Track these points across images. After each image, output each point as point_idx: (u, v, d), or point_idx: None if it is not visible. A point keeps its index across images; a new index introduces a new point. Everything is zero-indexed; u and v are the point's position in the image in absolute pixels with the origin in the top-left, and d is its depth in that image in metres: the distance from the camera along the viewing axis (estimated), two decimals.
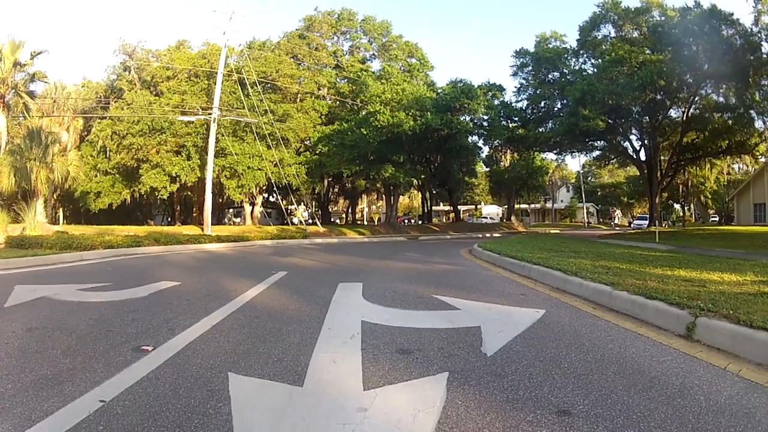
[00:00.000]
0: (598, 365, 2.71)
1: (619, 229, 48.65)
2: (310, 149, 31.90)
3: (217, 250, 14.79)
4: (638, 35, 28.05)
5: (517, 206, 56.70)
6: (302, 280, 6.81)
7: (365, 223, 54.40)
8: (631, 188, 58.21)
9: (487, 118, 33.27)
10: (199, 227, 23.33)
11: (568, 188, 72.90)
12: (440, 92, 31.62)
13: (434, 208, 57.30)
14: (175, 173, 27.07)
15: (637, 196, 57.14)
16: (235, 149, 26.84)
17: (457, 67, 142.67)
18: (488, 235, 30.47)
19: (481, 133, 35.42)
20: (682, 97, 28.06)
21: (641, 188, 42.37)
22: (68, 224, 25.37)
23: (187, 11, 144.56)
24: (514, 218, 48.27)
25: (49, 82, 24.24)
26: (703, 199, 53.15)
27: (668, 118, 30.97)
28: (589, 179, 73.06)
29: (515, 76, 34.79)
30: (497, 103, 35.07)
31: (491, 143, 39.13)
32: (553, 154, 40.52)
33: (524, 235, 27.34)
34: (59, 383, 2.39)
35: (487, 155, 45.01)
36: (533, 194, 58.85)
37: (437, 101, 29.21)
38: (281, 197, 29.92)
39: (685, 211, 54.26)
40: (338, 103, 34.07)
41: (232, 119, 25.96)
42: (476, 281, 6.63)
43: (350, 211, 53.29)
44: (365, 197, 59.25)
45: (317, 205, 42.38)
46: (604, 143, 34.77)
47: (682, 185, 47.66)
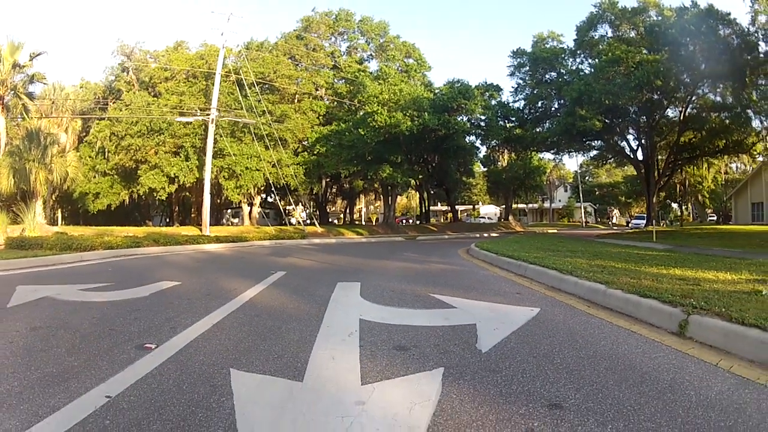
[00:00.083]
0: (590, 361, 2.75)
1: (616, 228, 48.67)
2: (307, 150, 31.83)
3: (215, 250, 14.80)
4: (635, 35, 27.97)
5: (514, 206, 56.67)
6: (301, 279, 6.84)
7: (363, 223, 54.34)
8: (628, 188, 58.08)
9: (484, 118, 33.16)
10: (197, 228, 23.31)
11: (565, 188, 72.89)
12: (437, 93, 31.52)
13: (432, 208, 57.21)
14: (173, 174, 26.96)
15: (634, 195, 57.02)
16: (233, 150, 26.79)
17: (454, 67, 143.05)
18: (486, 235, 30.46)
19: (478, 133, 35.31)
20: (679, 96, 27.97)
21: (639, 188, 42.33)
22: (67, 225, 25.32)
23: (184, 12, 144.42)
24: (511, 218, 48.29)
25: (47, 83, 24.22)
26: (700, 198, 53.21)
27: (665, 117, 30.87)
28: (586, 179, 73.17)
29: (512, 76, 34.74)
30: (494, 103, 35.00)
31: (489, 143, 39.01)
32: (550, 154, 40.45)
33: (522, 234, 27.35)
34: (65, 380, 2.42)
35: (484, 155, 44.84)
36: (531, 194, 58.90)
37: (434, 102, 29.10)
38: (279, 198, 29.86)
39: (682, 210, 54.33)
40: (336, 103, 34.01)
41: (230, 120, 25.92)
42: (473, 281, 6.67)
43: (348, 211, 53.26)
44: (363, 197, 59.15)
45: (315, 205, 42.34)
46: (601, 143, 34.63)
47: (679, 185, 47.60)
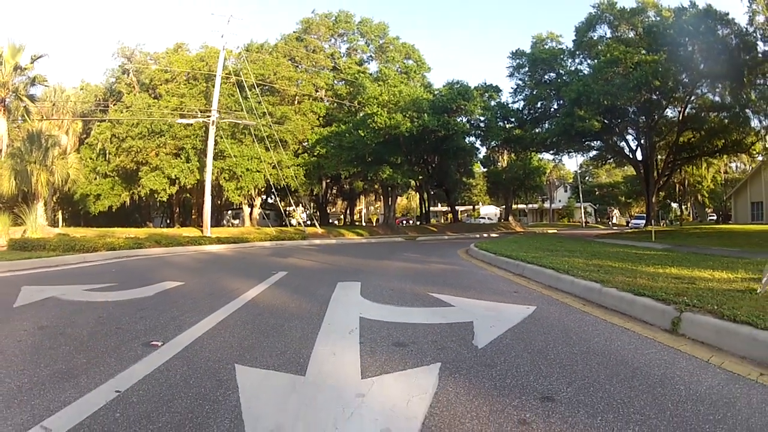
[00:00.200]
0: (583, 357, 2.82)
1: (616, 228, 48.68)
2: (308, 151, 31.89)
3: (217, 251, 14.88)
4: (634, 35, 27.96)
5: (514, 206, 56.72)
6: (302, 279, 6.92)
7: (363, 224, 54.34)
8: (628, 188, 58.05)
9: (483, 119, 33.17)
10: (198, 229, 23.40)
11: (565, 188, 72.87)
12: (437, 94, 31.53)
13: (432, 208, 57.27)
14: (174, 175, 27.07)
15: (634, 195, 56.96)
16: (233, 151, 26.89)
17: (454, 68, 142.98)
18: (486, 235, 30.50)
19: (478, 134, 35.33)
20: (678, 96, 27.96)
21: (638, 188, 42.27)
22: (68, 227, 25.38)
23: (185, 14, 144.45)
24: (511, 218, 48.33)
25: (49, 85, 24.29)
26: (700, 198, 53.28)
27: (664, 117, 30.83)
28: (586, 179, 73.14)
29: (512, 77, 34.61)
30: (494, 104, 34.96)
31: (488, 144, 38.93)
32: (549, 154, 40.33)
33: (521, 235, 27.41)
34: (74, 376, 2.49)
35: (484, 156, 44.83)
36: (531, 194, 58.95)
37: (434, 103, 29.13)
38: (280, 199, 29.93)
39: (682, 210, 54.37)
40: (336, 105, 34.09)
41: (230, 121, 26.02)
42: (471, 280, 6.74)
43: (348, 212, 53.29)
44: (363, 198, 59.22)
45: (315, 206, 42.38)
46: (600, 143, 34.66)
47: (679, 184, 47.67)
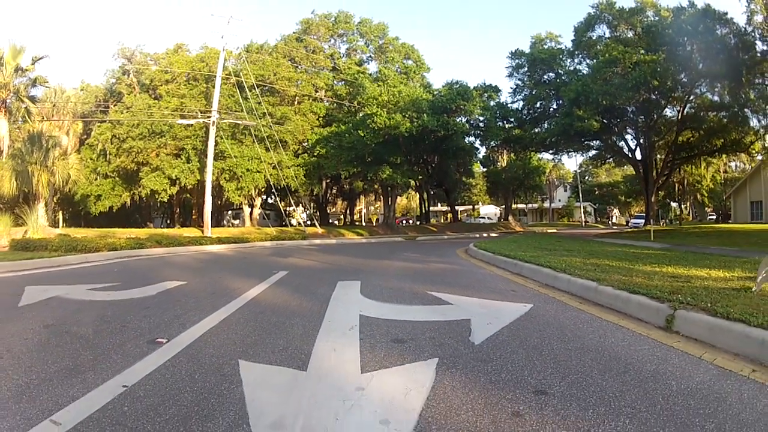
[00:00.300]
0: (577, 353, 2.89)
1: (616, 228, 48.75)
2: (308, 151, 31.94)
3: (218, 251, 14.95)
4: (633, 35, 28.03)
5: (514, 206, 56.74)
6: (302, 279, 6.99)
7: (363, 224, 54.42)
8: (628, 187, 58.10)
9: (483, 119, 33.25)
10: (198, 229, 23.48)
11: (565, 188, 72.94)
12: (436, 94, 31.56)
13: (432, 208, 57.32)
14: (174, 176, 27.13)
15: (634, 195, 57.01)
16: (234, 152, 26.97)
17: (454, 68, 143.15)
18: (485, 235, 30.56)
19: (477, 133, 35.40)
20: (677, 96, 27.98)
21: (638, 187, 42.23)
22: (68, 227, 25.43)
23: (185, 15, 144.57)
24: (511, 218, 48.39)
25: (49, 86, 24.35)
26: (699, 197, 53.37)
27: (663, 117, 30.86)
28: (586, 178, 73.23)
29: (511, 77, 34.62)
30: (493, 104, 35.05)
31: (488, 144, 39.02)
32: (549, 154, 40.39)
33: (521, 234, 27.46)
34: (82, 372, 2.55)
35: (484, 156, 44.88)
36: (530, 194, 59.05)
37: (433, 103, 29.17)
38: (280, 199, 30.01)
39: (682, 209, 54.40)
40: (335, 105, 34.14)
41: (230, 122, 26.10)
42: (470, 279, 6.81)
43: (348, 212, 53.32)
44: (363, 198, 59.29)
45: (315, 206, 42.44)
46: (599, 143, 34.74)
47: (678, 184, 47.77)
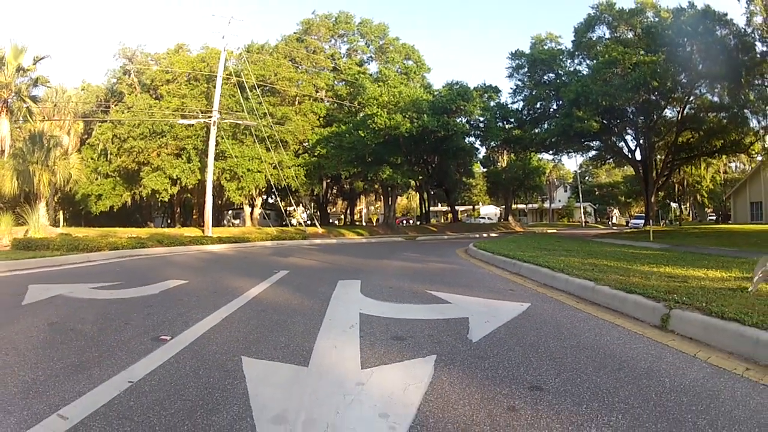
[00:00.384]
0: (572, 350, 2.95)
1: (616, 228, 48.74)
2: (308, 151, 31.98)
3: (218, 251, 15.00)
4: (633, 36, 28.07)
5: (514, 206, 56.79)
6: (303, 278, 7.05)
7: (363, 224, 54.42)
8: (628, 188, 58.12)
9: (483, 119, 33.28)
10: (199, 229, 23.53)
11: (565, 188, 72.94)
12: (437, 94, 31.60)
13: (432, 208, 57.36)
14: (175, 176, 27.19)
15: (634, 195, 57.03)
16: (234, 152, 27.02)
17: (454, 68, 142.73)
18: (485, 235, 30.59)
19: (477, 134, 35.42)
20: (676, 97, 28.00)
21: (638, 188, 42.27)
22: (69, 226, 25.41)
23: (185, 15, 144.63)
24: (511, 218, 48.42)
25: (51, 86, 24.39)
26: (699, 198, 53.40)
27: (663, 118, 30.92)
28: (586, 179, 73.22)
29: (511, 77, 34.65)
30: (493, 104, 35.08)
31: (488, 144, 39.05)
32: (549, 154, 40.44)
33: (521, 234, 27.52)
34: (87, 368, 2.60)
35: (484, 156, 44.90)
36: (531, 194, 59.08)
37: (434, 103, 29.21)
38: (280, 199, 30.07)
39: (682, 210, 54.42)
40: (336, 105, 34.18)
41: (231, 122, 26.15)
42: (469, 279, 6.87)
43: (349, 212, 53.36)
44: (363, 198, 59.29)
45: (316, 206, 42.51)
46: (599, 143, 34.81)
47: (678, 184, 47.83)
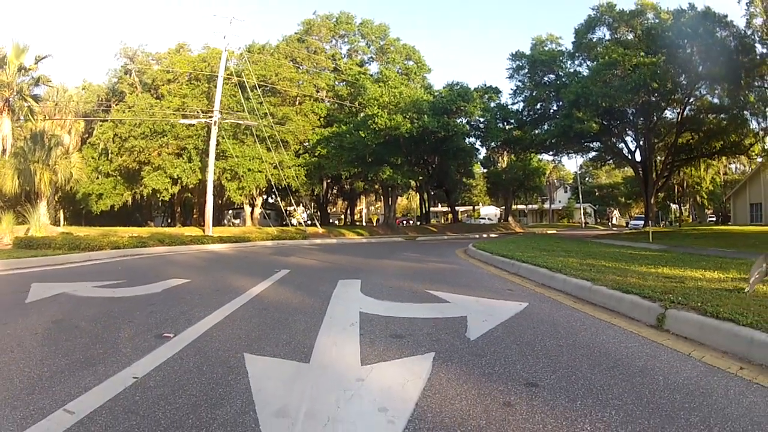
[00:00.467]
0: (568, 349, 3.00)
1: (616, 229, 48.75)
2: (309, 151, 32.00)
3: (219, 250, 15.06)
4: (633, 37, 28.09)
5: (514, 207, 56.80)
6: (304, 277, 7.11)
7: (364, 224, 54.41)
8: (628, 189, 58.16)
9: (483, 120, 33.33)
10: (200, 228, 23.59)
11: (565, 189, 72.97)
12: (437, 95, 31.62)
13: (432, 209, 57.40)
14: (176, 175, 27.24)
15: (634, 196, 57.05)
16: (235, 152, 27.08)
17: (454, 68, 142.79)
18: (485, 235, 30.62)
19: (477, 134, 35.47)
20: (676, 98, 27.98)
21: (638, 189, 42.33)
22: (69, 226, 25.46)
23: (187, 15, 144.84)
24: (511, 219, 48.43)
25: (52, 85, 24.42)
26: (699, 199, 53.42)
27: (663, 119, 30.97)
28: (586, 180, 73.24)
29: (511, 78, 34.62)
30: (493, 105, 35.15)
31: (488, 145, 39.04)
32: (549, 155, 40.44)
33: (521, 235, 27.56)
34: (93, 365, 2.65)
35: (484, 156, 44.89)
36: (531, 195, 59.08)
37: (434, 104, 29.25)
38: (281, 199, 30.15)
39: (682, 211, 54.44)
40: (337, 105, 34.20)
41: (232, 122, 26.21)
42: (468, 279, 6.92)
43: (349, 212, 53.41)
44: (364, 198, 59.36)
45: (316, 206, 42.57)
46: (599, 144, 34.86)
47: (678, 186, 47.88)
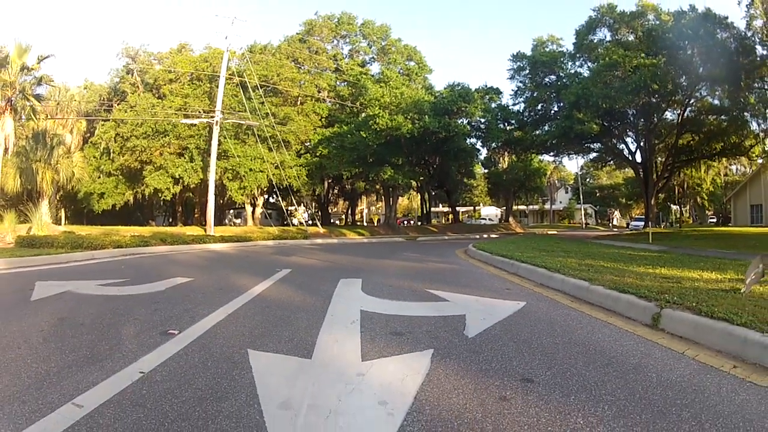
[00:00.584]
0: (564, 346, 3.07)
1: (616, 230, 48.80)
2: (310, 151, 32.06)
3: (221, 249, 15.14)
4: (633, 39, 28.10)
5: (515, 207, 56.84)
6: (305, 277, 7.18)
7: (365, 224, 54.53)
8: (629, 190, 58.07)
9: (484, 120, 33.35)
10: (201, 228, 23.69)
11: (566, 189, 72.96)
12: (438, 96, 31.66)
13: (433, 209, 57.48)
14: (178, 175, 27.32)
15: (635, 197, 56.97)
16: (237, 151, 27.17)
17: (454, 68, 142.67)
18: (485, 236, 30.67)
19: (478, 135, 35.48)
20: (677, 99, 27.99)
21: (639, 190, 42.33)
22: (71, 225, 25.58)
23: (188, 15, 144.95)
24: (512, 219, 48.46)
25: (54, 85, 24.53)
26: (699, 200, 53.42)
27: (663, 120, 30.99)
28: (587, 180, 73.18)
29: (512, 79, 34.59)
30: (494, 106, 35.15)
31: (489, 145, 39.03)
32: (550, 156, 40.47)
33: (521, 236, 27.60)
34: (99, 361, 2.72)
35: (485, 157, 44.92)
36: (531, 196, 59.04)
37: (435, 105, 29.31)
38: (282, 198, 30.22)
39: (682, 212, 54.43)
40: (338, 106, 34.28)
41: (234, 122, 26.29)
42: (468, 278, 6.99)
43: (350, 212, 53.43)
44: (365, 198, 59.39)
45: (317, 206, 42.67)
46: (600, 145, 34.89)
47: (678, 187, 47.88)
